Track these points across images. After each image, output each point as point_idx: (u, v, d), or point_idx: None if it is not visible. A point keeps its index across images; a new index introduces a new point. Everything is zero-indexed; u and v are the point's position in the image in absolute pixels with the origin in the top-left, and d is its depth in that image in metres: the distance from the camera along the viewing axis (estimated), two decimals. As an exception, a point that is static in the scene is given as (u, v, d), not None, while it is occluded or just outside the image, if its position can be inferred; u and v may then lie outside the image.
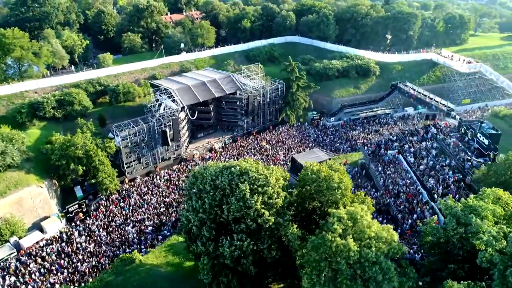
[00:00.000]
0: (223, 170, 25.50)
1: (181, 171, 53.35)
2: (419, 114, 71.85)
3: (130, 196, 47.87)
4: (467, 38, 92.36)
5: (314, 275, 21.11)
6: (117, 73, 68.10)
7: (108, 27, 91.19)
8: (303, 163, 46.07)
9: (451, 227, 20.93)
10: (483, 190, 23.54)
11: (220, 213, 24.13)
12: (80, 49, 75.90)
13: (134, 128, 49.73)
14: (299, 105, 64.89)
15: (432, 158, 41.94)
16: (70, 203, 46.94)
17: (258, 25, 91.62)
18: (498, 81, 75.32)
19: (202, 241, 23.51)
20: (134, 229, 42.32)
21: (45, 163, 46.55)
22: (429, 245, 23.05)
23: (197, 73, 64.49)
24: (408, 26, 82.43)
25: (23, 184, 41.90)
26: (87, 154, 45.20)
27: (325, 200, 25.41)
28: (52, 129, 54.37)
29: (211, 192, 24.90)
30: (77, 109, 56.31)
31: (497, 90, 75.96)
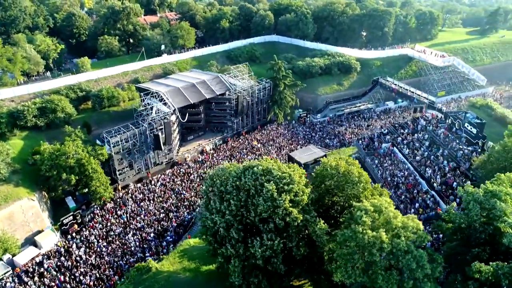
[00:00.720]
0: (245, 171, 25.34)
1: (176, 175, 52.31)
2: (400, 107, 74.70)
3: (126, 204, 46.43)
4: (436, 33, 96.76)
5: (349, 268, 21.44)
6: (98, 77, 65.77)
7: (80, 30, 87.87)
8: (300, 160, 46.82)
9: (475, 212, 21.97)
10: (497, 176, 24.87)
11: (246, 214, 23.97)
12: (55, 54, 72.63)
13: (126, 133, 48.24)
14: (286, 103, 65.42)
15: (426, 149, 43.65)
16: (61, 215, 44.98)
17: (237, 25, 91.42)
18: (469, 73, 79.51)
19: (231, 243, 23.25)
20: (135, 237, 41.11)
21: (34, 175, 44.29)
22: (451, 231, 24.05)
23: (183, 75, 63.49)
24: (383, 23, 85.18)
25: (13, 198, 39.61)
26: (79, 163, 43.36)
27: (346, 194, 25.86)
28: (35, 138, 51.83)
29: (234, 193, 24.70)
30: (60, 116, 53.88)
31: (469, 82, 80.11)
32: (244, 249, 23.02)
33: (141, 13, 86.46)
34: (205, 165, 54.33)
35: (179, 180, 51.16)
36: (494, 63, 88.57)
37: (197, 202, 46.54)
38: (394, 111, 73.21)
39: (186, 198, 47.30)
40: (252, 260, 22.89)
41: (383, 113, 72.08)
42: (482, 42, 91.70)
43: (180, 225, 43.13)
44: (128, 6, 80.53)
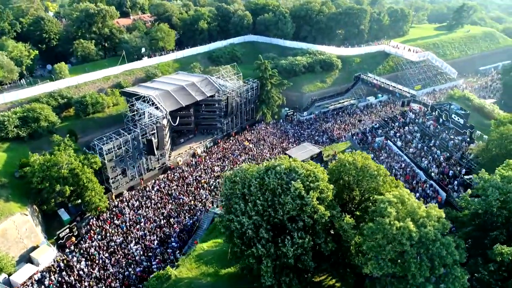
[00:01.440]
0: (267, 171, 25.32)
1: (170, 179, 51.25)
2: (380, 102, 77.16)
3: (123, 213, 44.99)
4: (408, 29, 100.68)
5: (380, 260, 21.97)
6: (78, 83, 63.33)
7: (50, 35, 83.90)
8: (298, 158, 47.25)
9: (494, 198, 23.18)
10: (506, 162, 26.34)
11: (274, 214, 23.96)
12: (28, 60, 68.96)
13: (118, 140, 46.71)
14: (274, 102, 65.81)
15: (418, 141, 45.39)
16: (55, 228, 43.15)
17: (215, 26, 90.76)
18: (442, 67, 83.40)
19: (261, 243, 23.16)
20: (138, 246, 39.96)
21: (23, 188, 41.99)
22: (469, 217, 25.24)
23: (170, 77, 62.27)
24: (359, 21, 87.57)
25: (5, 214, 37.32)
26: (73, 173, 41.50)
27: (364, 188, 26.45)
28: (18, 150, 49.24)
29: (259, 193, 24.63)
30: (43, 125, 51.43)
31: (442, 75, 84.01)
32: (275, 249, 23.01)
33: (117, 15, 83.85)
34: (199, 168, 53.61)
35: (174, 184, 50.16)
36: (462, 57, 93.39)
37: (197, 206, 45.91)
38: (376, 105, 75.53)
39: (185, 203, 46.48)
40: (283, 259, 22.91)
41: (366, 108, 74.17)
42: (450, 37, 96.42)
43: (183, 230, 42.37)
44: (104, 9, 77.87)
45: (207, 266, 30.04)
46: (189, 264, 30.40)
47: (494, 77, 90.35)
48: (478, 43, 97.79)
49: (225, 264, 30.63)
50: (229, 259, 31.01)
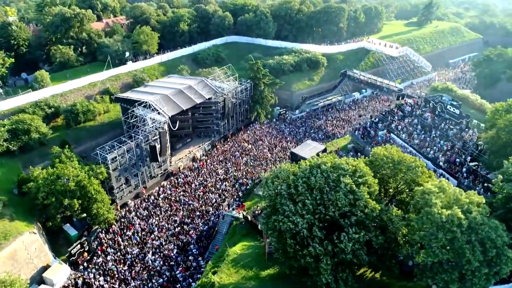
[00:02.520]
0: (312, 170, 25.44)
1: (175, 185, 49.98)
2: (364, 97, 79.61)
3: (133, 223, 43.34)
4: (381, 26, 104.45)
5: (435, 248, 22.78)
6: (63, 91, 60.24)
7: (18, 41, 79.00)
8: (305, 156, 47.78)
9: (526, 180, 24.86)
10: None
11: (324, 211, 24.13)
12: (3, 69, 64.51)
13: (122, 148, 44.93)
14: (267, 102, 65.96)
15: (419, 132, 47.33)
16: (61, 245, 41.04)
17: (195, 27, 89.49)
18: (419, 61, 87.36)
19: (317, 242, 23.25)
20: (156, 256, 38.70)
21: (25, 205, 39.32)
22: (503, 201, 26.76)
23: (163, 81, 60.62)
24: (338, 19, 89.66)
25: (14, 234, 34.74)
26: (79, 185, 39.40)
27: (403, 180, 27.28)
28: (10, 165, 46.19)
29: (307, 193, 24.72)
30: (35, 137, 48.40)
31: (418, 69, 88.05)
32: (332, 246, 23.21)
33: (94, 19, 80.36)
34: (202, 172, 52.70)
35: (181, 190, 48.99)
36: (433, 51, 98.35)
37: (210, 211, 45.16)
38: (362, 100, 77.84)
39: (196, 208, 45.57)
40: (341, 255, 23.15)
41: (353, 103, 76.23)
42: (421, 32, 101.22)
43: (200, 236, 41.53)
44: (81, 12, 74.33)
45: (246, 270, 29.66)
46: (227, 270, 29.86)
47: (463, 69, 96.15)
48: (447, 38, 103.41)
49: (262, 266, 30.42)
50: (265, 261, 30.95)
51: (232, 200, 46.30)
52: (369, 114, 65.18)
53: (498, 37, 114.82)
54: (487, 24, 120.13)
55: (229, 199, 46.30)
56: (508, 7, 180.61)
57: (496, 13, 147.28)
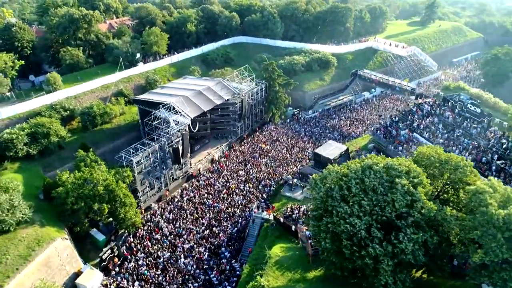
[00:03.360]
0: (364, 171, 25.36)
1: (198, 188, 49.49)
2: (374, 96, 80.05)
3: (160, 227, 42.79)
4: (386, 26, 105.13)
5: (495, 247, 22.85)
6: (77, 93, 59.20)
7: (22, 43, 77.81)
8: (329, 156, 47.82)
9: None
10: None
11: (380, 212, 24.07)
12: (12, 71, 63.31)
13: (146, 150, 44.36)
14: (282, 102, 65.81)
15: (442, 131, 47.66)
16: (88, 250, 40.28)
17: (202, 28, 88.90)
18: (425, 60, 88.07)
19: (377, 243, 23.18)
20: (188, 260, 38.24)
21: (52, 210, 38.55)
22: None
23: (179, 82, 60.00)
24: (345, 19, 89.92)
25: (47, 240, 33.98)
26: (108, 189, 38.74)
27: (451, 179, 27.35)
28: (30, 169, 45.30)
29: (361, 194, 24.64)
30: (54, 141, 47.56)
31: (424, 68, 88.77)
32: (393, 247, 23.15)
33: (102, 20, 79.32)
34: (223, 174, 52.31)
35: (204, 192, 48.55)
36: (437, 50, 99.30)
37: (236, 213, 44.83)
38: (372, 100, 78.22)
39: (222, 210, 45.21)
40: (401, 256, 23.11)
41: (365, 103, 76.56)
42: (425, 32, 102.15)
43: (230, 238, 41.19)
44: (89, 13, 73.29)
45: (291, 272, 29.47)
46: (272, 272, 29.62)
47: (467, 68, 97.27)
48: (450, 37, 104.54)
49: (306, 268, 30.28)
50: (309, 263, 30.80)
51: (258, 202, 46.06)
52: (389, 114, 65.31)
53: (497, 36, 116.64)
54: (486, 24, 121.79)
55: (257, 201, 46.01)
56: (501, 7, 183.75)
57: (493, 12, 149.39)
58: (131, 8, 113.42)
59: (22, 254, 31.97)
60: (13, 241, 32.62)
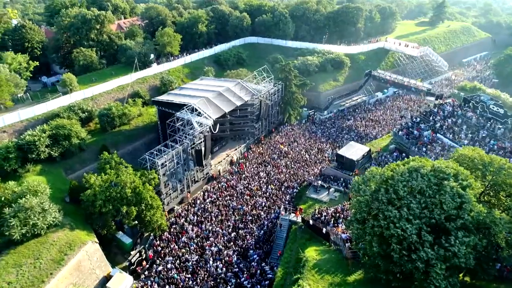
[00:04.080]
0: (411, 174, 25.07)
1: (221, 189, 49.08)
2: (387, 97, 79.82)
3: (186, 229, 42.37)
4: (395, 26, 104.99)
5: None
6: (93, 95, 58.72)
7: (33, 44, 77.44)
8: (353, 157, 47.50)
9: None
10: None
11: (429, 215, 23.77)
12: (27, 72, 62.84)
13: (171, 152, 43.94)
14: (298, 103, 65.50)
15: (466, 132, 47.44)
16: (115, 253, 39.90)
17: (212, 28, 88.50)
18: (437, 61, 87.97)
19: (427, 247, 22.88)
20: (217, 263, 37.82)
21: (79, 213, 38.13)
22: None
23: (197, 83, 59.48)
24: (356, 19, 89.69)
25: (78, 244, 33.54)
26: (135, 192, 38.30)
27: (495, 181, 27.07)
28: (52, 172, 44.93)
29: (409, 197, 24.34)
30: (75, 143, 47.08)
31: (435, 69, 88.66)
32: (445, 250, 22.86)
33: (114, 20, 78.78)
34: (244, 176, 51.92)
35: (226, 194, 48.13)
36: (448, 50, 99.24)
37: (261, 215, 44.47)
38: (385, 100, 77.98)
39: (247, 212, 44.83)
40: (454, 259, 22.81)
41: (378, 103, 76.32)
42: (435, 32, 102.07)
43: (258, 241, 40.81)
44: (101, 14, 72.78)
45: (331, 276, 29.12)
46: (311, 276, 29.26)
47: (476, 68, 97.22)
48: (459, 37, 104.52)
49: (345, 271, 29.95)
50: (348, 266, 30.48)
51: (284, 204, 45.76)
52: (407, 114, 65.04)
53: (504, 36, 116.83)
54: (494, 24, 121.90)
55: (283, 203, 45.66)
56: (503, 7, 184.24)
57: (499, 12, 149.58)
58: (138, 9, 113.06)
59: (55, 258, 31.54)
60: (45, 245, 32.19)
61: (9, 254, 30.77)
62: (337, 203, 42.76)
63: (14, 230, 30.60)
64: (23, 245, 31.75)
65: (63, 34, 74.95)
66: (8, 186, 35.94)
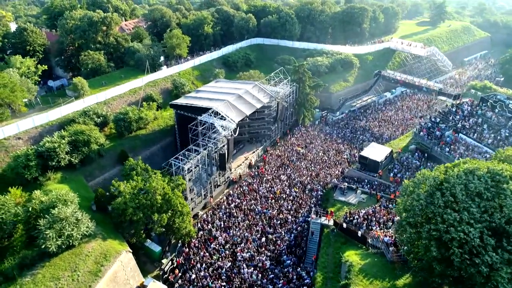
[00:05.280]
0: (467, 176, 24.83)
1: (244, 193, 48.36)
2: (396, 97, 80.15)
3: (214, 235, 41.55)
4: (398, 26, 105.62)
5: None
6: (106, 99, 57.41)
7: (35, 47, 75.46)
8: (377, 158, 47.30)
9: None
10: None
11: (489, 219, 23.55)
12: (35, 77, 61.10)
13: (196, 157, 43.11)
14: (312, 104, 65.17)
15: (488, 131, 47.68)
16: (143, 262, 38.88)
17: (218, 29, 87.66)
18: (442, 60, 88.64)
19: (490, 251, 22.65)
20: (251, 270, 37.12)
21: (108, 221, 37.10)
22: None
23: (214, 86, 58.60)
24: (361, 19, 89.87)
25: (113, 255, 32.46)
26: (165, 199, 37.38)
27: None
28: (74, 179, 43.71)
29: (468, 200, 24.09)
30: (94, 149, 45.84)
31: (440, 68, 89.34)
32: (508, 254, 22.65)
33: (120, 22, 77.32)
34: (265, 179, 51.30)
35: (250, 198, 47.44)
36: (450, 50, 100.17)
37: (289, 219, 43.91)
38: (394, 100, 78.20)
39: (273, 216, 44.24)
40: (518, 263, 22.64)
41: (387, 103, 76.50)
42: (437, 31, 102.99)
43: (289, 245, 40.24)
44: (108, 16, 71.40)
45: (379, 281, 28.76)
46: (360, 281, 28.84)
47: (478, 67, 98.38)
48: (460, 36, 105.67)
49: (391, 275, 29.61)
50: (396, 270, 30.14)
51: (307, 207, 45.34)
52: (428, 115, 64.86)
53: (502, 36, 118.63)
54: (491, 23, 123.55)
55: (307, 206, 45.21)
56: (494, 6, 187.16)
57: (493, 11, 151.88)
58: (138, 11, 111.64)
59: (92, 270, 30.46)
60: (80, 257, 31.09)
61: (45, 267, 29.62)
62: (365, 205, 42.44)
63: (50, 242, 29.44)
64: (58, 257, 30.59)
65: (68, 37, 73.28)
66: (35, 196, 34.73)
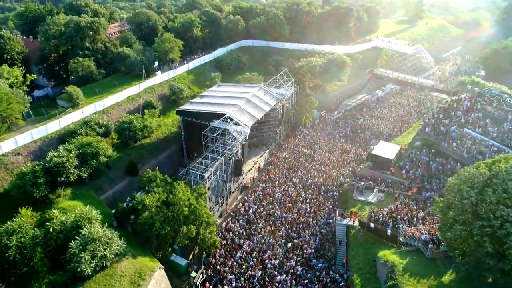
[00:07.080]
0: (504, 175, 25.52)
1: (259, 199, 47.59)
2: (386, 93, 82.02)
3: (238, 244, 40.57)
4: (379, 25, 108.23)
5: None
6: (105, 107, 54.79)
7: (12, 55, 70.90)
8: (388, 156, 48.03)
9: None
10: None
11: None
12: (24, 87, 57.26)
13: (215, 164, 41.93)
14: (312, 105, 65.35)
15: (491, 125, 49.57)
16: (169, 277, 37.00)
17: (207, 32, 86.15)
18: (426, 57, 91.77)
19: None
20: (284, 276, 36.51)
21: (132, 237, 35.27)
22: None
23: (217, 90, 57.17)
24: (348, 19, 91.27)
25: (148, 273, 30.77)
26: (191, 210, 36.04)
27: None
28: (85, 194, 41.26)
29: (514, 198, 24.75)
30: (103, 161, 43.51)
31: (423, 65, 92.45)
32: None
33: (107, 27, 74.10)
34: (277, 183, 50.79)
35: (266, 203, 46.76)
36: (430, 47, 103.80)
37: (310, 222, 43.63)
38: (385, 98, 79.98)
39: (294, 220, 43.83)
40: None
41: (379, 100, 78.12)
42: (417, 30, 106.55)
43: (316, 249, 39.94)
44: (95, 20, 68.27)
45: (425, 279, 29.00)
46: (407, 281, 28.94)
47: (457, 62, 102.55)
48: (437, 34, 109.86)
49: (434, 272, 29.97)
50: (437, 267, 30.50)
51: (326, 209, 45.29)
52: (431, 112, 66.32)
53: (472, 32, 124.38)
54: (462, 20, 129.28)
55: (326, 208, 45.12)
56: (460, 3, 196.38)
57: (458, 9, 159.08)
58: (117, 14, 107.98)
59: (129, 291, 28.77)
60: (115, 278, 29.30)
61: (80, 292, 27.67)
62: (385, 204, 42.92)
63: (85, 264, 27.49)
64: (91, 280, 28.65)
65: (50, 43, 69.32)
66: (54, 215, 32.47)
